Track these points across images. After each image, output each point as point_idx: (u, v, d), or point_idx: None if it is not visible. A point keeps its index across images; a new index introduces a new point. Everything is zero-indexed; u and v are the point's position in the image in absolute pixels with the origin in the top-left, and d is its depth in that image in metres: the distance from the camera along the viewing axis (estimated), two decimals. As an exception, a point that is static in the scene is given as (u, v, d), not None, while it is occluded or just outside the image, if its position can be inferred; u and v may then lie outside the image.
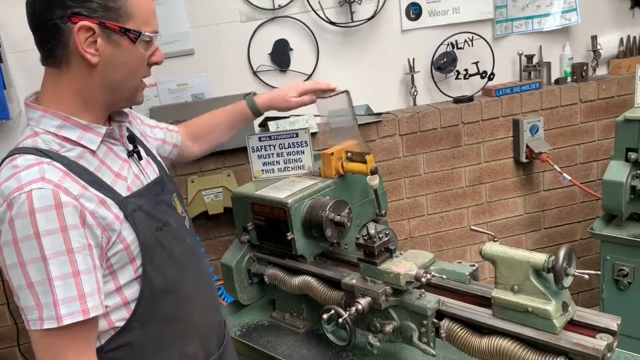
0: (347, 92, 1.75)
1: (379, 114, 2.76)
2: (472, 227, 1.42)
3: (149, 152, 1.36)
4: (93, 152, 1.14)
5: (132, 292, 1.14)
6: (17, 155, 1.06)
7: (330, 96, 1.73)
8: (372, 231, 1.40)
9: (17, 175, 1.02)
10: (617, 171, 2.19)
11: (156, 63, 1.20)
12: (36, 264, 0.99)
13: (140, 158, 1.27)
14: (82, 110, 1.13)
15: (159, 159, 1.41)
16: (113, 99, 1.18)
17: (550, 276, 1.18)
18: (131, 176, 1.20)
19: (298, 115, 2.70)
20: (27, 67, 2.41)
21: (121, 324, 1.13)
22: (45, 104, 1.13)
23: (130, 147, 1.26)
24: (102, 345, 1.12)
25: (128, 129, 1.31)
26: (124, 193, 1.15)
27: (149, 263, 1.15)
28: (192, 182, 2.61)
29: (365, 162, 1.69)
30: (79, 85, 1.12)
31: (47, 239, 0.99)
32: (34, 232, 0.99)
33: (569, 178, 2.84)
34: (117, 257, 1.11)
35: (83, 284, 1.02)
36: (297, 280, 1.69)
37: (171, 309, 1.21)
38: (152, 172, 1.30)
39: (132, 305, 1.14)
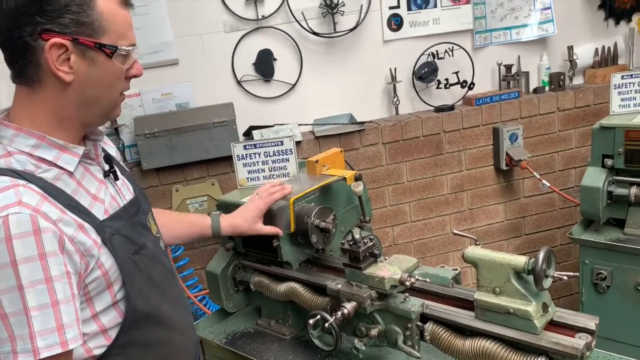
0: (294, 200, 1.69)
1: (362, 123, 2.80)
2: (455, 231, 1.45)
3: (124, 172, 1.32)
4: (70, 173, 1.09)
5: (110, 319, 1.10)
6: None
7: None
8: (357, 236, 1.42)
9: None
10: (594, 177, 2.24)
11: (135, 76, 1.15)
12: (10, 293, 0.94)
13: (116, 178, 1.22)
14: (57, 129, 1.08)
15: (133, 177, 1.37)
16: (90, 116, 1.12)
17: (531, 278, 1.21)
18: (108, 198, 1.16)
19: (282, 124, 2.72)
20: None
21: (99, 351, 1.09)
22: (18, 122, 1.07)
23: (107, 167, 1.21)
24: None
25: (103, 149, 1.27)
26: (101, 216, 1.10)
27: (131, 288, 1.11)
28: (177, 191, 2.61)
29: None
30: (53, 104, 1.06)
31: (25, 267, 0.94)
32: (11, 260, 0.93)
33: (548, 185, 2.90)
34: (95, 284, 1.06)
35: (62, 314, 0.97)
36: (283, 286, 1.70)
37: (153, 334, 1.18)
38: (127, 193, 1.26)
39: (111, 332, 1.10)
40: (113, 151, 1.36)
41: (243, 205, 1.69)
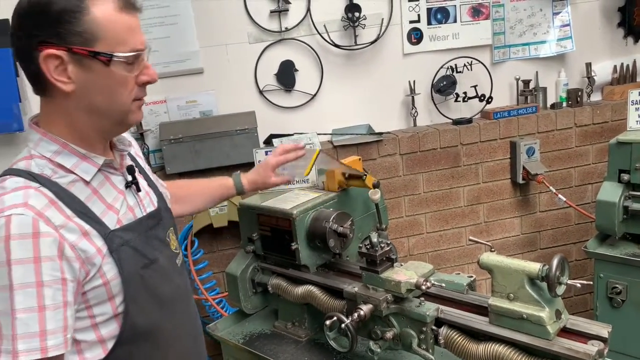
0: (320, 150, 1.85)
1: (380, 134, 2.85)
2: (471, 237, 1.48)
3: (151, 184, 1.32)
4: (86, 181, 1.10)
5: (110, 330, 1.09)
6: (7, 177, 1.04)
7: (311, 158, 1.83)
8: (374, 240, 1.46)
9: (2, 197, 1.00)
10: (610, 192, 2.25)
11: (147, 82, 1.10)
12: (2, 292, 0.95)
13: (138, 190, 1.22)
14: (76, 137, 1.10)
15: (161, 190, 1.35)
16: (104, 124, 1.11)
17: (544, 284, 1.24)
18: (124, 209, 1.16)
19: (302, 134, 2.78)
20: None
21: None
22: (44, 126, 1.10)
23: (130, 177, 1.20)
24: None
25: (133, 158, 1.28)
26: (113, 226, 1.10)
27: (131, 302, 1.10)
28: (198, 196, 2.67)
29: (362, 180, 1.78)
30: (63, 112, 1.08)
31: (18, 268, 0.95)
32: (6, 259, 0.94)
33: (564, 199, 2.91)
34: (94, 293, 1.06)
35: (47, 320, 0.96)
36: (300, 289, 1.74)
37: (149, 352, 1.16)
38: (149, 205, 1.25)
39: (109, 344, 1.09)
40: (143, 163, 1.36)
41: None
